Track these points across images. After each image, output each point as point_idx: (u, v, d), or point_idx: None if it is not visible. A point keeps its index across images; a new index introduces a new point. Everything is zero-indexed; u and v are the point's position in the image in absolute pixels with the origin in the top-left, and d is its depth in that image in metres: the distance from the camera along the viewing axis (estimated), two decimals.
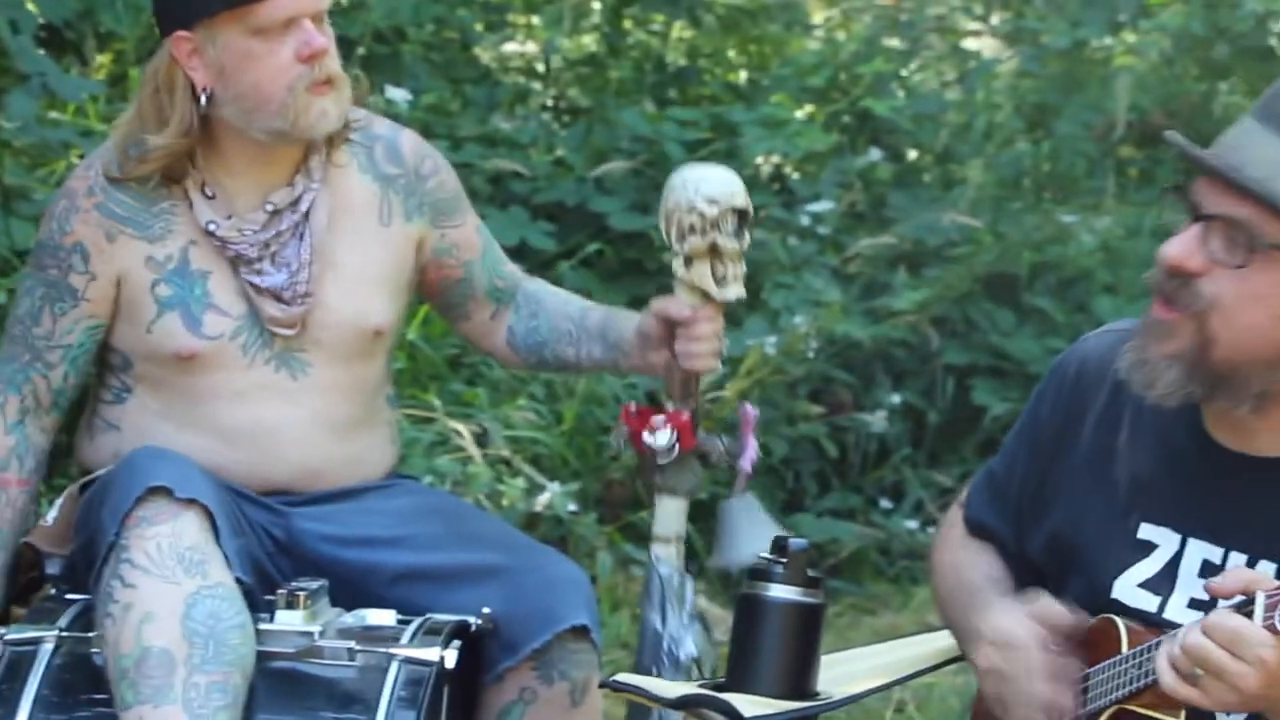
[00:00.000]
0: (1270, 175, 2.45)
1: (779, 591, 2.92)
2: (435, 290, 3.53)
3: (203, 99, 3.24)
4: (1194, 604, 2.61)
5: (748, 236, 3.32)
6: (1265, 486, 2.57)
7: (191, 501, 3.13)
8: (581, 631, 3.30)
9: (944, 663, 3.01)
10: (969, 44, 8.10)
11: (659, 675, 3.33)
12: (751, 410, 3.45)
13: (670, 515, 3.40)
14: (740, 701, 2.81)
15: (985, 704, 2.73)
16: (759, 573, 2.93)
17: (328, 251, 3.34)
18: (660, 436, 3.35)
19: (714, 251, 3.30)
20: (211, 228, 3.29)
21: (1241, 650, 2.34)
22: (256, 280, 3.30)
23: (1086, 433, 2.75)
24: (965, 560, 2.89)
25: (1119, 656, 2.56)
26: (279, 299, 3.30)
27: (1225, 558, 2.61)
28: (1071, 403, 2.78)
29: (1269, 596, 2.35)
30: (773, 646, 2.91)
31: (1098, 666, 2.60)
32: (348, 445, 3.40)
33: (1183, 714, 2.53)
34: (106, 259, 3.29)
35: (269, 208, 3.31)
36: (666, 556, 3.38)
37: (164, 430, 3.32)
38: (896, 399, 6.57)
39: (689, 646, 3.31)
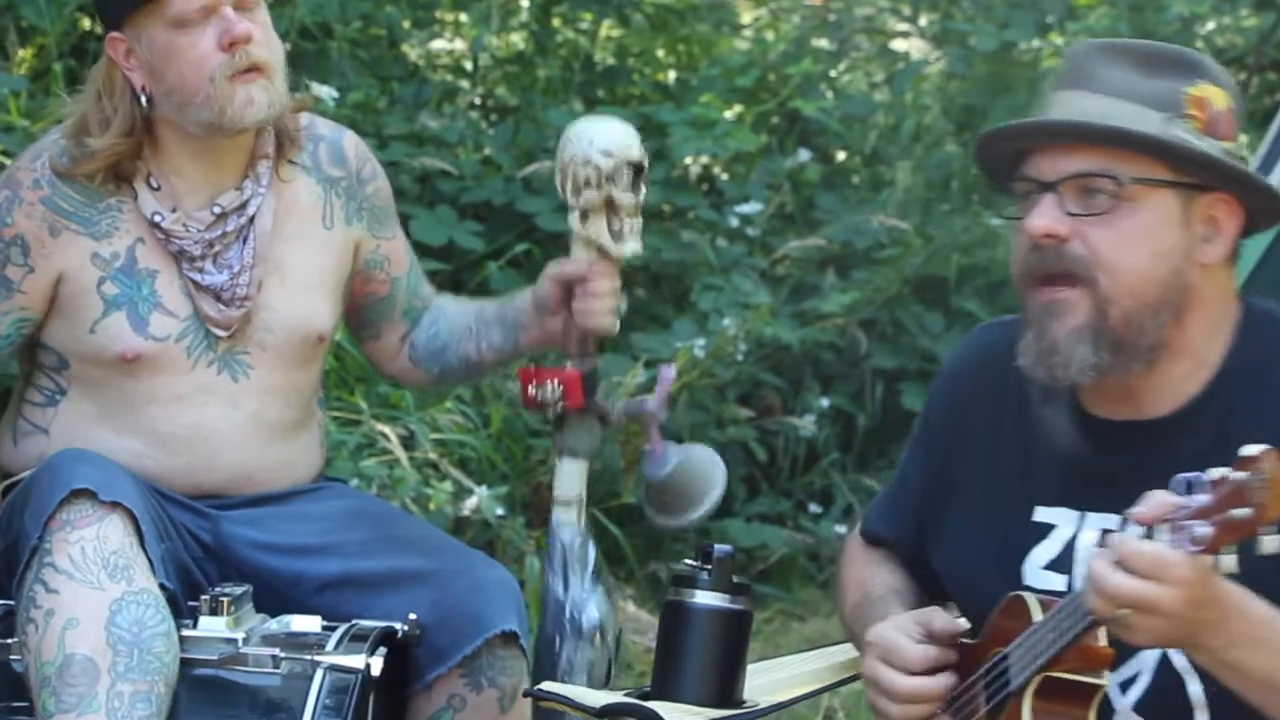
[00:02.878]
0: (1108, 121, 2.57)
1: (704, 598, 2.90)
2: (355, 305, 3.51)
3: (143, 99, 3.24)
4: None
5: (644, 190, 3.31)
6: (1152, 447, 2.61)
7: (116, 505, 3.09)
8: (510, 638, 3.28)
9: None
10: (897, 45, 8.11)
11: (562, 643, 3.32)
12: (669, 371, 3.43)
13: (571, 477, 3.38)
14: (666, 710, 2.79)
15: None
16: (684, 579, 2.92)
17: (273, 255, 3.32)
18: (546, 390, 3.32)
19: (610, 206, 3.28)
20: (157, 219, 3.26)
21: (1165, 574, 2.36)
22: (197, 278, 3.27)
23: (976, 430, 2.81)
24: (868, 575, 2.93)
25: (1034, 625, 2.57)
26: (218, 298, 3.28)
27: (1125, 525, 2.63)
28: (957, 404, 2.84)
29: (1170, 521, 2.37)
30: (698, 654, 2.90)
31: (1014, 642, 2.60)
32: (283, 448, 3.38)
33: (1106, 674, 2.56)
34: (48, 254, 3.26)
35: (216, 209, 3.28)
36: (568, 520, 3.36)
37: (97, 435, 3.29)
38: (825, 403, 6.56)
39: (591, 612, 3.30)
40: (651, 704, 2.82)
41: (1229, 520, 2.30)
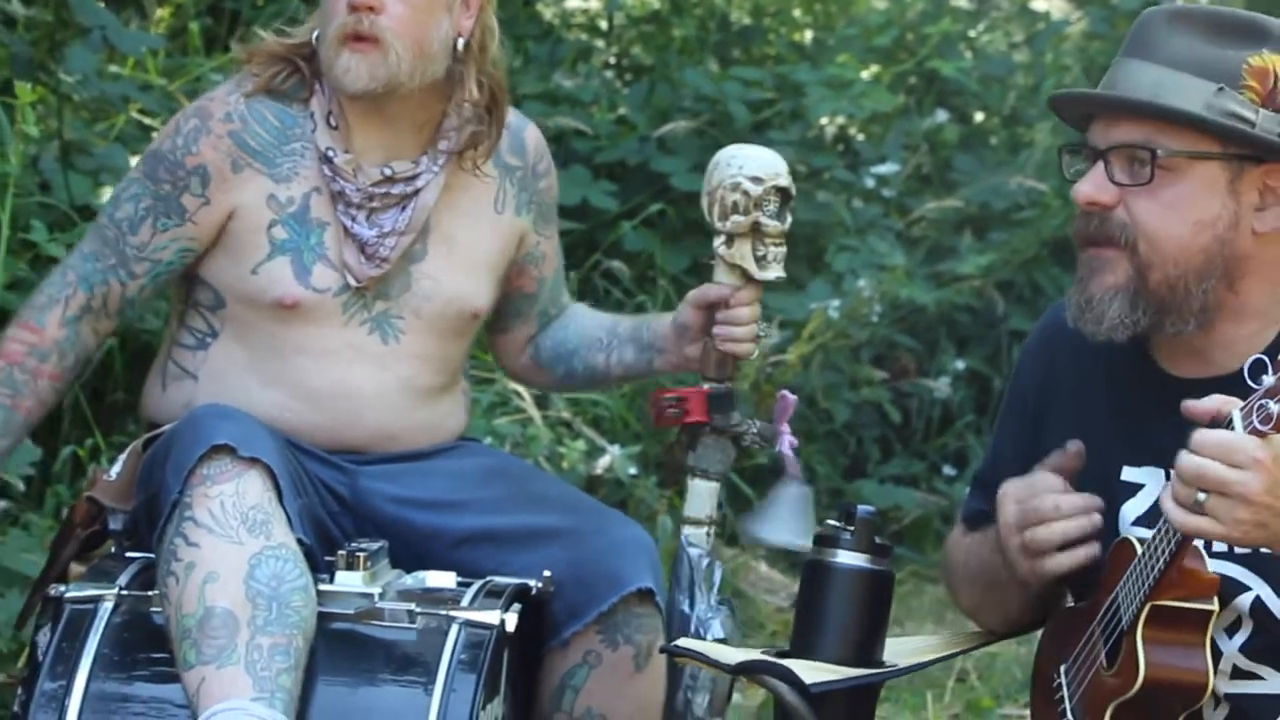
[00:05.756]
0: (1155, 94, 2.64)
1: (846, 558, 2.88)
2: (501, 296, 3.51)
3: (314, 36, 3.28)
4: None
5: (789, 218, 3.33)
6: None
7: (254, 461, 3.11)
8: (646, 595, 3.29)
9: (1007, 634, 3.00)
10: (1037, 5, 8.02)
11: None
12: (790, 397, 3.43)
13: (702, 497, 3.38)
14: (802, 668, 2.78)
15: None
16: (826, 539, 2.90)
17: (443, 227, 3.34)
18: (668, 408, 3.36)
19: (756, 231, 3.30)
20: (330, 153, 3.28)
21: (1236, 457, 2.40)
22: (348, 224, 3.28)
23: (1064, 398, 2.84)
24: (967, 543, 2.95)
25: (1137, 557, 2.60)
26: (362, 250, 3.29)
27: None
28: (1046, 373, 2.88)
29: (1243, 408, 2.42)
30: (839, 613, 2.87)
31: (1121, 580, 2.62)
32: (428, 412, 3.39)
33: (1214, 600, 2.57)
34: (226, 188, 3.28)
35: (386, 171, 3.29)
36: (697, 539, 3.36)
37: (243, 383, 3.31)
38: (960, 365, 6.52)
39: (716, 630, 3.29)
40: (787, 661, 2.80)
41: None
